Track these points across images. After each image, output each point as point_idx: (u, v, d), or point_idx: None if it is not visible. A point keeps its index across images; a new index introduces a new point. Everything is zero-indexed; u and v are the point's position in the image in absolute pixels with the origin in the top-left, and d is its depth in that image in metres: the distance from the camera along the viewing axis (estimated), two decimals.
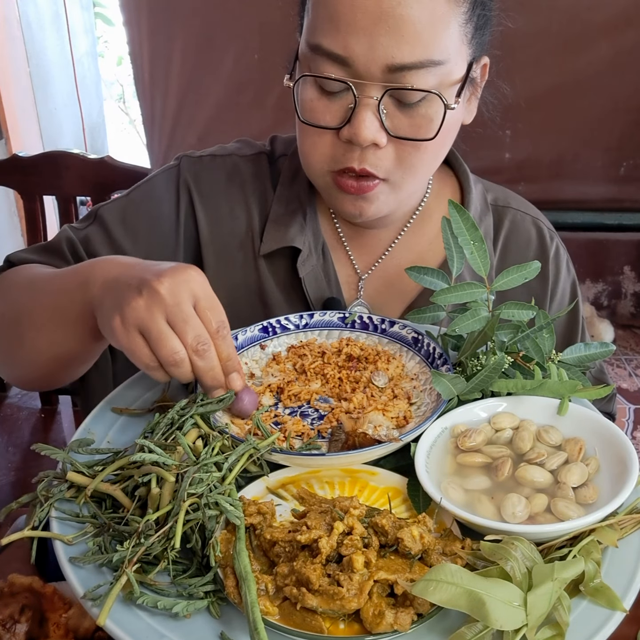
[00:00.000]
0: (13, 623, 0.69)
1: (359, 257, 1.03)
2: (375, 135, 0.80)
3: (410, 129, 0.81)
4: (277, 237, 0.97)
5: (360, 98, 0.79)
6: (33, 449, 0.69)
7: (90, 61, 3.58)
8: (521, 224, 1.05)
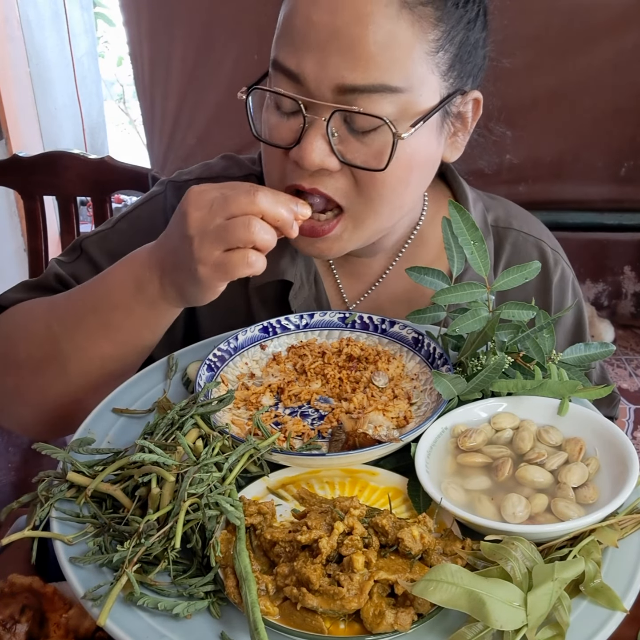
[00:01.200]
0: (13, 623, 0.69)
1: (349, 286, 0.99)
2: (323, 159, 0.76)
3: (362, 157, 0.77)
4: (267, 269, 0.85)
5: (308, 118, 0.75)
6: (34, 448, 0.69)
7: (91, 61, 3.58)
8: (523, 248, 1.01)
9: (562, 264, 1.03)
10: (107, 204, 1.65)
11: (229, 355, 0.87)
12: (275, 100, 0.79)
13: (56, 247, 1.84)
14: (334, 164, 0.77)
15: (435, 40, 0.75)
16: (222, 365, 0.85)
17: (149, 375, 0.86)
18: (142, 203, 1.01)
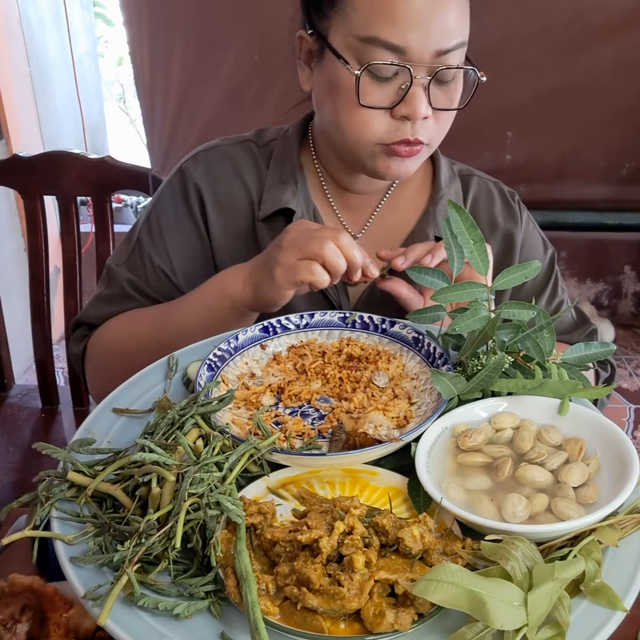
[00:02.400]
0: (14, 623, 0.69)
1: (349, 220, 1.15)
2: (426, 110, 0.94)
3: (445, 101, 0.97)
4: (273, 202, 1.10)
5: (415, 79, 0.92)
6: (34, 447, 0.69)
7: (91, 61, 3.58)
8: (485, 187, 1.20)
9: (518, 197, 1.21)
10: (107, 203, 1.65)
11: (229, 355, 0.87)
12: (373, 71, 0.94)
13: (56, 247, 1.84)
14: (430, 112, 0.96)
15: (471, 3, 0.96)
16: (223, 365, 0.85)
17: (149, 375, 0.86)
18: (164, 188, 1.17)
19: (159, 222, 1.14)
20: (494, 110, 2.61)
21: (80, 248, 1.69)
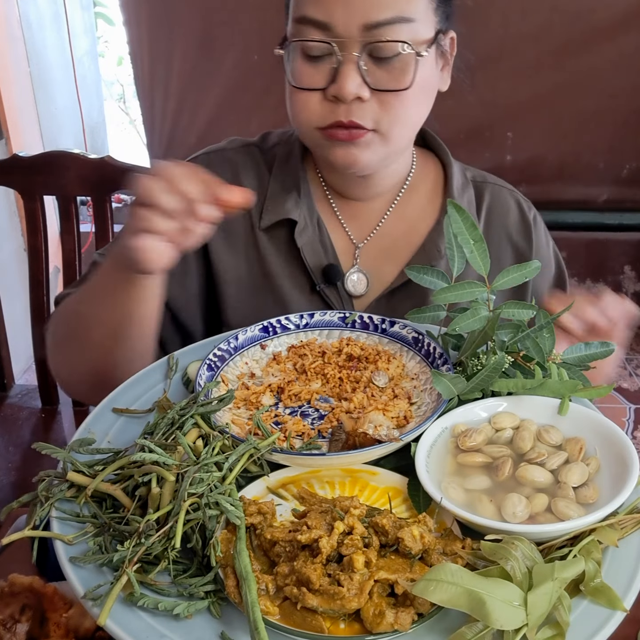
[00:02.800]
0: (14, 623, 0.69)
1: (353, 228, 1.10)
2: (358, 89, 0.89)
3: (388, 82, 0.91)
4: (275, 211, 1.06)
5: (342, 56, 0.89)
6: (34, 447, 0.69)
7: (91, 61, 3.58)
8: (499, 196, 1.14)
9: (534, 210, 1.17)
10: (107, 203, 1.65)
11: (229, 354, 0.87)
12: (304, 51, 0.92)
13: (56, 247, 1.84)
14: (367, 92, 0.90)
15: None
16: (222, 364, 0.85)
17: (149, 374, 0.86)
18: None
19: None
20: (494, 111, 2.60)
21: (80, 248, 1.69)
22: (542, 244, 1.15)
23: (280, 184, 1.08)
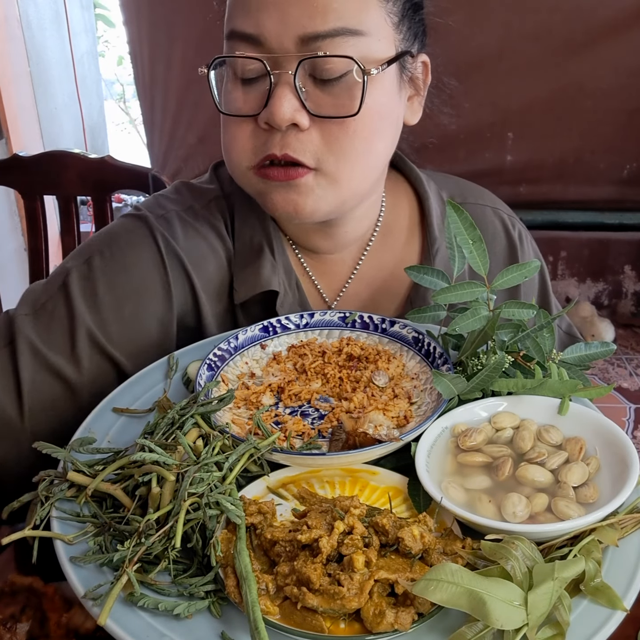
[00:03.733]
0: (14, 623, 0.69)
1: (326, 285, 0.98)
2: (293, 114, 0.75)
3: (332, 108, 0.76)
4: (250, 282, 0.90)
5: (275, 75, 0.75)
6: (34, 447, 0.69)
7: (91, 61, 3.58)
8: (483, 218, 1.01)
9: (520, 229, 1.06)
10: (108, 203, 1.65)
11: (229, 354, 0.87)
12: (236, 71, 0.78)
13: (56, 247, 1.84)
14: (305, 119, 0.76)
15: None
16: (223, 364, 0.85)
17: (149, 374, 0.86)
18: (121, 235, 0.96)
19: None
20: (495, 111, 2.61)
21: None
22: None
23: (248, 243, 0.91)
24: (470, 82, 2.58)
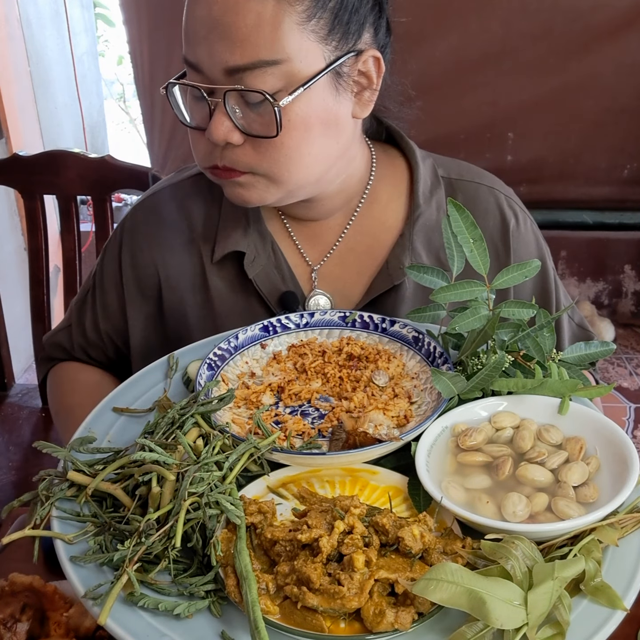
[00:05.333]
0: (14, 622, 0.69)
1: (311, 249, 1.05)
2: (227, 134, 0.85)
3: (260, 127, 0.86)
4: (224, 245, 1.02)
5: (211, 101, 0.85)
6: (35, 446, 0.69)
7: (91, 60, 3.58)
8: (476, 196, 1.04)
9: (517, 209, 1.06)
10: (108, 203, 1.65)
11: (229, 354, 0.87)
12: (190, 91, 0.89)
13: (56, 247, 1.84)
14: (237, 137, 0.86)
15: (305, 11, 0.82)
16: (223, 364, 0.85)
17: (149, 374, 0.86)
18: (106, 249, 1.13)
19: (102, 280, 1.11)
20: (495, 111, 2.60)
21: (80, 247, 1.69)
22: (526, 250, 1.06)
23: (230, 213, 1.03)
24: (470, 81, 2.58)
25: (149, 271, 1.07)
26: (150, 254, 1.06)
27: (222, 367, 0.85)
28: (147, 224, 1.08)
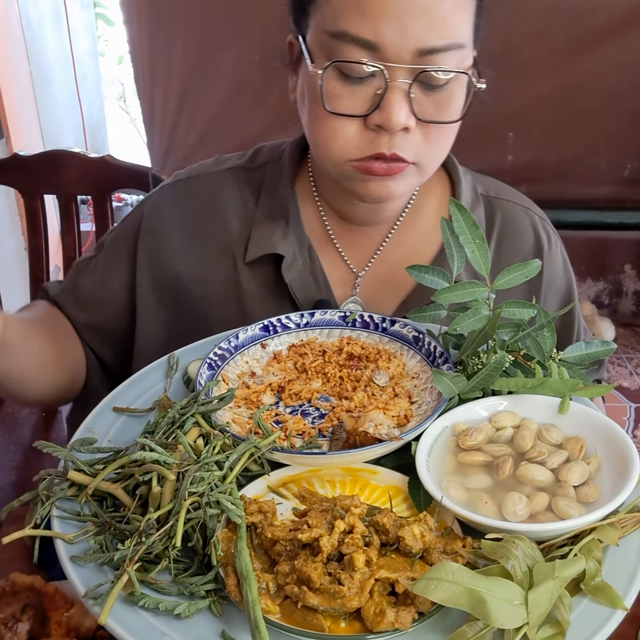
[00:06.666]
0: (15, 622, 0.69)
1: (352, 256, 1.02)
2: (406, 119, 0.80)
3: (436, 112, 0.83)
4: (260, 244, 0.98)
5: (391, 82, 0.79)
6: (35, 446, 0.69)
7: (91, 60, 3.58)
8: (513, 215, 1.04)
9: (550, 231, 1.07)
10: (108, 202, 1.65)
11: (229, 353, 0.87)
12: (343, 72, 0.81)
13: (56, 246, 1.84)
14: (413, 123, 0.82)
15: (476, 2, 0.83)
16: (223, 363, 0.85)
17: (149, 374, 0.86)
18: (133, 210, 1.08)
19: None
20: (496, 111, 2.60)
21: (80, 247, 1.69)
22: (555, 272, 1.06)
23: (267, 211, 0.99)
24: None
25: (169, 262, 1.02)
26: (173, 243, 1.02)
27: (223, 366, 0.85)
28: (175, 209, 1.03)
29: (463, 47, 0.81)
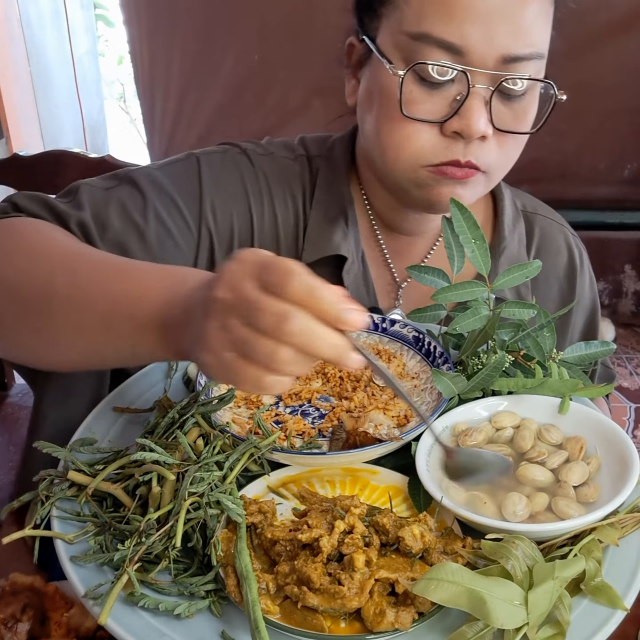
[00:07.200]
0: (15, 622, 0.69)
1: (398, 266, 1.00)
2: (485, 127, 0.79)
3: (512, 122, 0.82)
4: (321, 245, 0.93)
5: (473, 88, 0.77)
6: (35, 446, 0.69)
7: (91, 60, 3.58)
8: (550, 232, 1.04)
9: (581, 249, 1.08)
10: None
11: None
12: (421, 75, 0.79)
13: None
14: (491, 131, 0.80)
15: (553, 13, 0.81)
16: None
17: (149, 374, 0.86)
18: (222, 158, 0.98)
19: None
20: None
21: None
22: (584, 289, 1.06)
23: (324, 210, 0.94)
24: None
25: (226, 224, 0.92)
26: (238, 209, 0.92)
27: None
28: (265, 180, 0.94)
29: (543, 57, 0.80)
